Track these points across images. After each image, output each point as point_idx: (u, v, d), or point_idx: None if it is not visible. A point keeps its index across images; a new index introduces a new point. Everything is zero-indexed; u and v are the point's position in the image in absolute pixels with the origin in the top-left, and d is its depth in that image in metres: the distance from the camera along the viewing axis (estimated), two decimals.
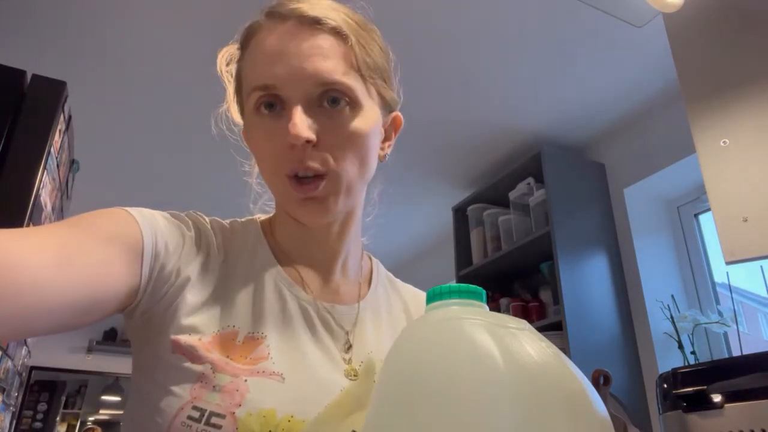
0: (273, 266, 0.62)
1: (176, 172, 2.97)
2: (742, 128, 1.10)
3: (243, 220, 0.68)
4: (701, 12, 1.22)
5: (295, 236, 0.65)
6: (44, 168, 1.36)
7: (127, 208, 0.56)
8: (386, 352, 0.64)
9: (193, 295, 0.56)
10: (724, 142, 1.11)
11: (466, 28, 1.97)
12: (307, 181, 0.57)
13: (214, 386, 0.51)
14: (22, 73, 1.40)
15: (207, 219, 0.64)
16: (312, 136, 0.55)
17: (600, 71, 2.17)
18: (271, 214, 0.70)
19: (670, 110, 2.28)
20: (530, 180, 2.54)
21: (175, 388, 0.52)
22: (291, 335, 0.58)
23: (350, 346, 0.61)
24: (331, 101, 0.57)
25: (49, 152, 1.38)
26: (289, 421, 0.52)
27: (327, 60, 0.57)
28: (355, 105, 0.59)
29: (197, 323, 0.55)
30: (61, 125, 1.47)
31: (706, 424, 0.73)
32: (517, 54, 2.09)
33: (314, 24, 0.58)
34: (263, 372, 0.54)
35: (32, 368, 4.45)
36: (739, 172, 1.09)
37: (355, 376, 0.59)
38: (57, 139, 1.45)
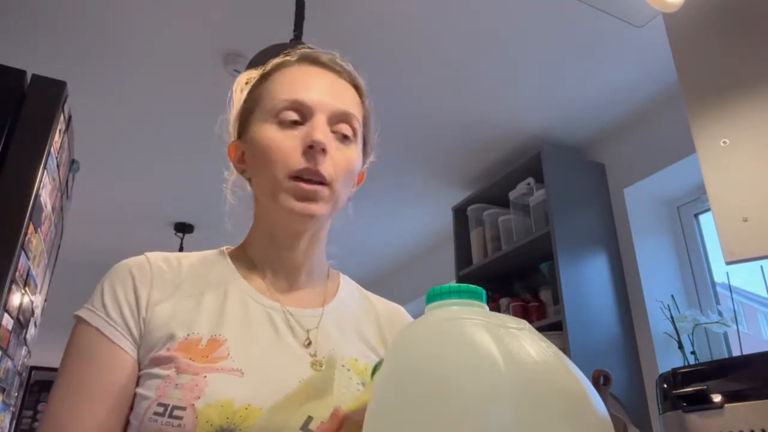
0: (238, 281, 0.70)
1: (176, 172, 2.97)
2: (742, 128, 1.10)
3: (209, 251, 0.76)
4: (701, 12, 1.22)
5: (268, 246, 0.73)
6: (44, 168, 1.35)
7: (88, 320, 0.63)
8: (349, 354, 0.68)
9: (156, 324, 0.63)
10: (724, 142, 1.11)
11: (466, 28, 1.97)
12: (312, 183, 0.66)
13: (176, 384, 0.58)
14: (22, 73, 1.39)
15: (158, 260, 0.70)
16: (327, 145, 0.66)
17: (600, 71, 2.17)
18: (236, 245, 0.77)
19: (670, 110, 2.28)
20: (530, 180, 2.54)
21: (145, 392, 0.59)
22: (252, 336, 0.64)
23: (310, 342, 0.67)
24: (342, 130, 0.69)
25: (49, 152, 1.38)
26: (246, 409, 0.57)
27: (348, 100, 0.72)
28: (356, 141, 0.72)
29: (164, 338, 0.62)
30: (61, 125, 1.47)
31: (706, 424, 0.73)
32: (517, 54, 2.09)
33: (341, 73, 0.74)
34: (222, 369, 0.59)
35: (32, 368, 4.45)
36: (739, 172, 1.09)
37: (321, 366, 0.64)
38: (57, 139, 1.45)
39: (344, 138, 0.69)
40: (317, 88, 0.69)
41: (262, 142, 0.68)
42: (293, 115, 0.67)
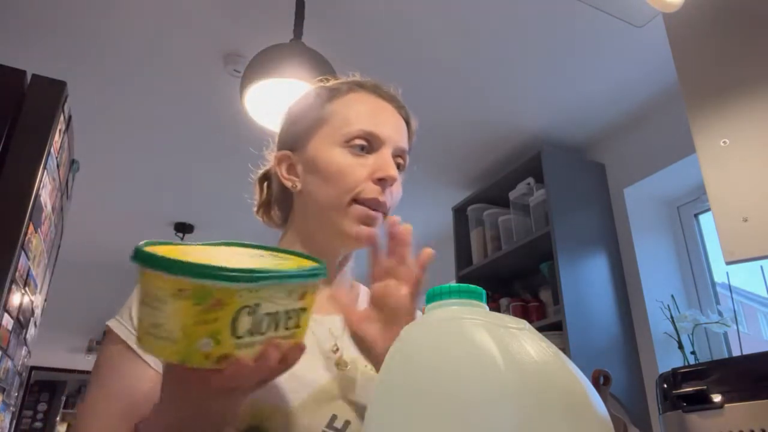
0: None
1: (176, 172, 2.97)
2: (742, 128, 1.10)
3: None
4: (701, 12, 1.22)
5: None
6: (44, 168, 1.35)
7: (116, 331, 0.63)
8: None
9: None
10: (724, 142, 1.11)
11: (466, 28, 1.97)
12: (376, 211, 0.71)
13: None
14: (22, 73, 1.39)
15: None
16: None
17: (600, 71, 2.17)
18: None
19: (670, 110, 2.28)
20: (530, 180, 2.54)
21: None
22: None
23: (338, 348, 0.69)
24: (398, 163, 0.75)
25: (49, 152, 1.38)
26: (272, 408, 0.59)
27: (405, 136, 0.78)
28: (403, 172, 0.78)
29: None
30: (61, 125, 1.47)
31: (706, 424, 0.73)
32: (517, 54, 2.09)
33: (401, 109, 0.79)
34: None
35: (32, 368, 4.45)
36: (739, 172, 1.09)
37: (346, 366, 0.67)
38: (57, 139, 1.45)
39: (398, 171, 0.75)
40: (388, 123, 0.74)
41: (333, 166, 0.70)
42: (363, 144, 0.71)
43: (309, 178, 0.73)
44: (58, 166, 1.54)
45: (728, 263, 1.04)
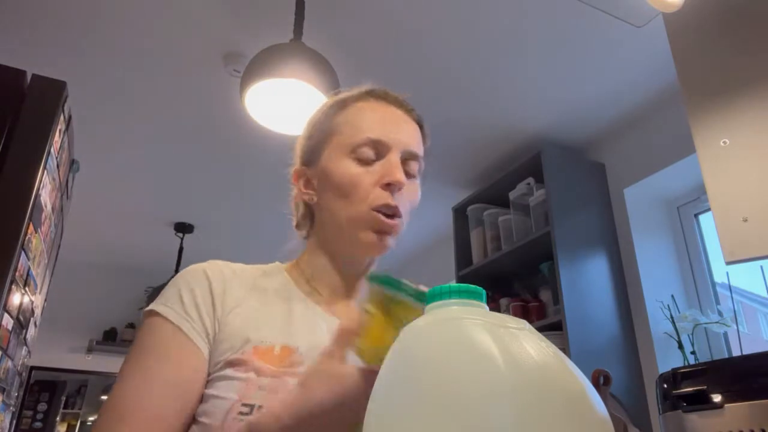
0: (301, 298, 0.74)
1: (176, 171, 2.97)
2: (742, 128, 1.10)
3: (267, 265, 0.80)
4: (701, 12, 1.22)
5: (328, 269, 0.76)
6: (44, 168, 1.35)
7: (165, 315, 0.65)
8: None
9: (232, 327, 0.67)
10: (724, 142, 1.11)
11: (466, 28, 1.97)
12: (390, 218, 0.70)
13: (259, 386, 0.61)
14: (22, 73, 1.39)
15: (228, 268, 0.73)
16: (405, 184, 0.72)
17: (600, 71, 2.17)
18: (292, 262, 0.81)
19: (670, 110, 2.28)
20: (530, 180, 2.54)
21: (222, 393, 0.62)
22: (319, 347, 0.67)
23: None
24: (409, 168, 0.74)
25: (49, 152, 1.38)
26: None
27: (416, 140, 0.76)
28: (418, 177, 0.77)
29: (239, 342, 0.65)
30: (61, 125, 1.47)
31: (706, 424, 0.73)
32: (517, 54, 2.09)
33: (410, 112, 0.78)
34: (299, 374, 0.61)
35: (32, 368, 4.45)
36: (739, 172, 1.09)
37: None
38: (57, 139, 1.45)
39: (410, 175, 0.74)
40: (396, 128, 0.74)
41: (342, 177, 0.71)
42: (370, 152, 0.71)
43: (323, 190, 0.74)
44: (58, 166, 1.54)
45: (728, 263, 1.04)
